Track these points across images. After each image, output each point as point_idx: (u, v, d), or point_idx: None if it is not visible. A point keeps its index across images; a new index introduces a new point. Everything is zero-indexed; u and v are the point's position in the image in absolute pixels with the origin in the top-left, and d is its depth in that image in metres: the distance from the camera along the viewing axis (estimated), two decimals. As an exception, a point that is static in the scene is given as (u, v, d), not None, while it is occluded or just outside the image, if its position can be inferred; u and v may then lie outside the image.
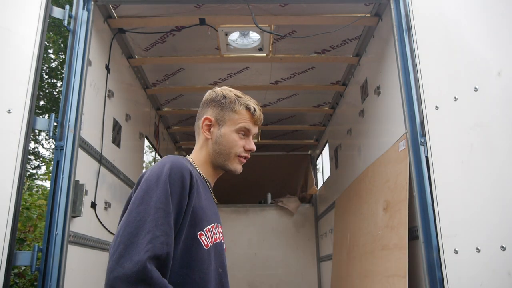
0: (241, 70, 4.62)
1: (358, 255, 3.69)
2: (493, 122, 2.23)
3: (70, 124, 2.71)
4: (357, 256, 3.74)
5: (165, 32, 3.91)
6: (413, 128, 2.71)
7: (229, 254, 6.99)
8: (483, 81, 2.31)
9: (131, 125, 4.24)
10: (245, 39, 4.01)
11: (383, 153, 3.38)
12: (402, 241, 2.72)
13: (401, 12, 2.95)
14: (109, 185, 3.53)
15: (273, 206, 6.85)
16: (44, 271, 2.44)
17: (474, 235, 2.21)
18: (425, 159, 2.59)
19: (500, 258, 2.07)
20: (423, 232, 2.52)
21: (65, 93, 2.79)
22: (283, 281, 6.44)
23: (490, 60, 2.32)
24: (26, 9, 2.60)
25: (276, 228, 6.73)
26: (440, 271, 2.35)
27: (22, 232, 5.12)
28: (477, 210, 2.23)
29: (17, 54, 2.52)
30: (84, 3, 2.97)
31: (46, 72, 11.92)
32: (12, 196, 2.29)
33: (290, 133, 6.61)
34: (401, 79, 2.86)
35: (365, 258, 3.48)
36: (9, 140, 2.35)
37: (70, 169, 2.64)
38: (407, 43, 2.86)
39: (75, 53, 2.85)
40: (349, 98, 4.69)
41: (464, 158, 2.31)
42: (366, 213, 3.63)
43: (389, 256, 2.91)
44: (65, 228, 2.55)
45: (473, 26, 2.47)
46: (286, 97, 5.30)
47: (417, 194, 2.60)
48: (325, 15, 3.61)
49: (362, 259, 3.55)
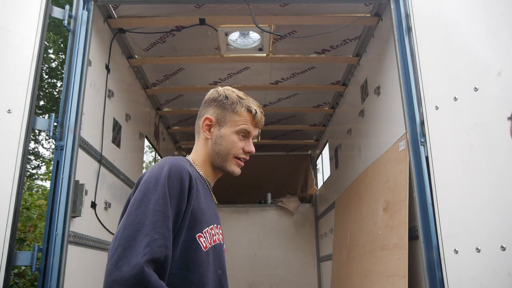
0: (241, 70, 4.62)
1: (358, 255, 3.69)
2: (493, 122, 2.23)
3: (70, 124, 2.71)
4: (357, 256, 3.74)
5: (165, 32, 3.91)
6: (413, 128, 2.71)
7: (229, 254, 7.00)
8: (483, 81, 2.31)
9: (131, 125, 4.24)
10: (245, 39, 4.01)
11: (383, 153, 3.38)
12: (402, 241, 2.72)
13: (401, 12, 2.95)
14: (109, 185, 3.53)
15: (273, 206, 6.85)
16: (44, 271, 2.44)
17: (474, 235, 2.21)
18: (425, 159, 2.59)
19: (500, 258, 2.07)
20: (423, 232, 2.52)
21: (65, 93, 2.79)
22: (283, 281, 6.44)
23: (490, 60, 2.32)
24: (26, 9, 2.60)
25: (276, 228, 6.73)
26: (440, 271, 2.35)
27: (22, 232, 5.12)
28: (477, 210, 2.23)
29: (17, 54, 2.52)
30: (84, 3, 2.97)
31: (46, 72, 11.92)
32: (12, 196, 2.29)
33: (290, 133, 6.61)
34: (401, 79, 2.86)
35: (365, 258, 3.49)
36: (9, 140, 2.35)
37: (70, 169, 2.64)
38: (407, 43, 2.86)
39: (75, 53, 2.85)
40: (349, 98, 4.69)
41: (464, 158, 2.31)
42: (366, 213, 3.63)
43: (389, 256, 2.91)
44: (65, 228, 2.55)
45: (473, 26, 2.47)
46: (286, 97, 5.30)
47: (417, 194, 2.60)
48: (325, 15, 3.61)
49: (362, 259, 3.55)
